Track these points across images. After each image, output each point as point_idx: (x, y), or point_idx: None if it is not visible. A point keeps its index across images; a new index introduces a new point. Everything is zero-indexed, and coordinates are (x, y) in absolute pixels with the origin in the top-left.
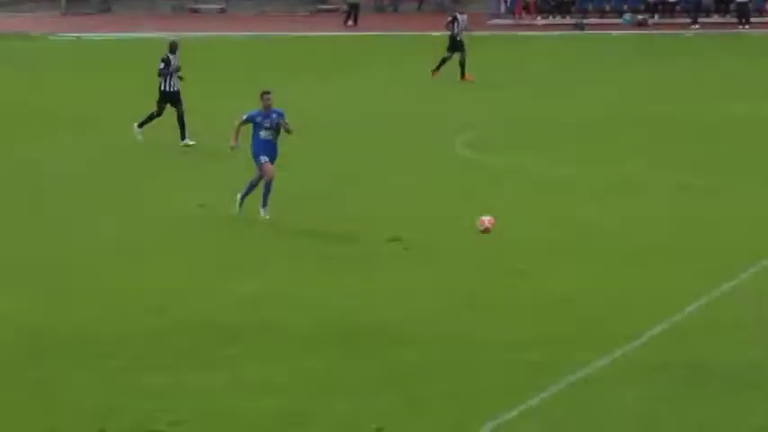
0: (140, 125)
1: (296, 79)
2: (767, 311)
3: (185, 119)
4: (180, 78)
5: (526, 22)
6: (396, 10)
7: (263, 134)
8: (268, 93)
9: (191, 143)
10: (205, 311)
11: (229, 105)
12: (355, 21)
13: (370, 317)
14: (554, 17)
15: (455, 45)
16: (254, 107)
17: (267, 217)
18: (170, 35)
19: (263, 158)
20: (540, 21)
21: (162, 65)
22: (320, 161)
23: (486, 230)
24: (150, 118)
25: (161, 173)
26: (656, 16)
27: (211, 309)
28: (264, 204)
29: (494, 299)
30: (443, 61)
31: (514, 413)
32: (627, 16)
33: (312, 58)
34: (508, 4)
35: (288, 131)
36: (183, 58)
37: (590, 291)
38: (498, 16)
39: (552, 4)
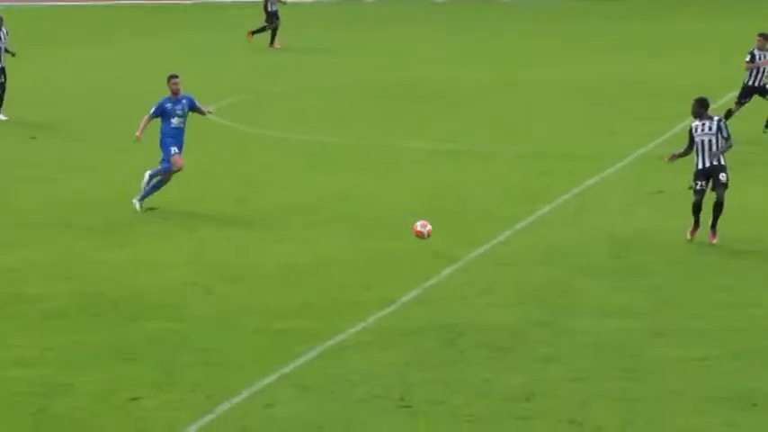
0: None
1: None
2: (518, 276)
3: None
4: (8, 52)
5: None
6: None
7: (174, 122)
8: (176, 77)
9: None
10: None
11: None
12: None
13: (126, 287)
14: None
15: (270, 16)
16: None
17: (139, 209)
18: None
19: (174, 149)
20: None
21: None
22: (77, 131)
23: (420, 234)
24: None
25: None
26: None
27: None
28: (143, 198)
29: (248, 268)
30: (263, 29)
31: (270, 380)
32: None
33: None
34: None
35: (204, 113)
36: None
37: (344, 258)
38: None
39: None
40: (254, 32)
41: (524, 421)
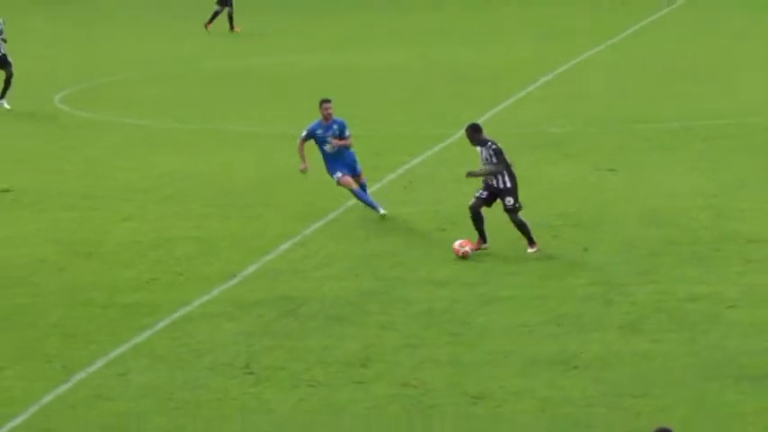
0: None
1: None
2: (352, 250)
3: (12, 81)
4: (4, 41)
5: None
6: None
7: (327, 148)
8: (328, 101)
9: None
10: None
11: None
12: None
13: None
14: None
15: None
16: None
17: (383, 212)
18: None
19: (337, 174)
20: None
21: None
22: None
23: (465, 254)
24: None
25: None
26: None
27: None
28: (374, 206)
29: (97, 246)
30: (215, 14)
31: (123, 350)
32: None
33: None
34: None
35: (347, 145)
36: None
37: (186, 235)
38: None
39: None
40: (209, 21)
41: (361, 385)
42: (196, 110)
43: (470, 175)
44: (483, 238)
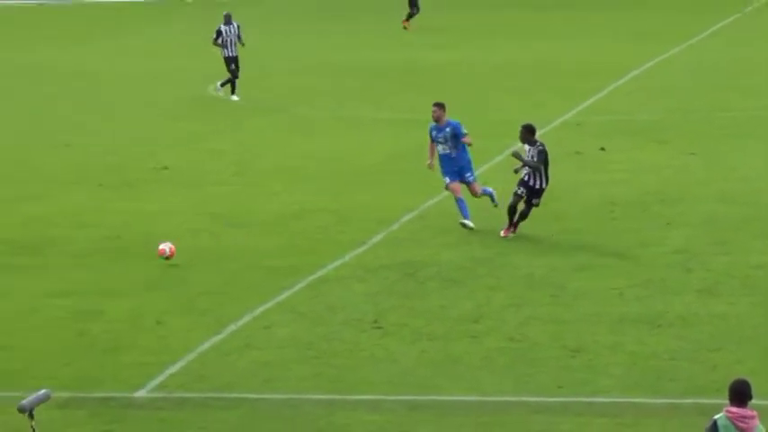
0: (222, 84)
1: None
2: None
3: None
4: (242, 44)
5: None
6: None
7: (440, 149)
8: (436, 105)
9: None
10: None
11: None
12: None
13: (138, 232)
14: None
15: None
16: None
17: (472, 225)
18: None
19: (446, 179)
20: None
21: (215, 35)
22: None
23: (166, 254)
24: (229, 81)
25: None
26: None
27: (6, 227)
28: (466, 216)
29: (246, 217)
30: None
31: (267, 307)
32: None
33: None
34: None
35: (466, 143)
36: None
37: (323, 208)
38: None
39: None
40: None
41: (474, 339)
42: (333, 98)
43: (515, 154)
44: (514, 227)
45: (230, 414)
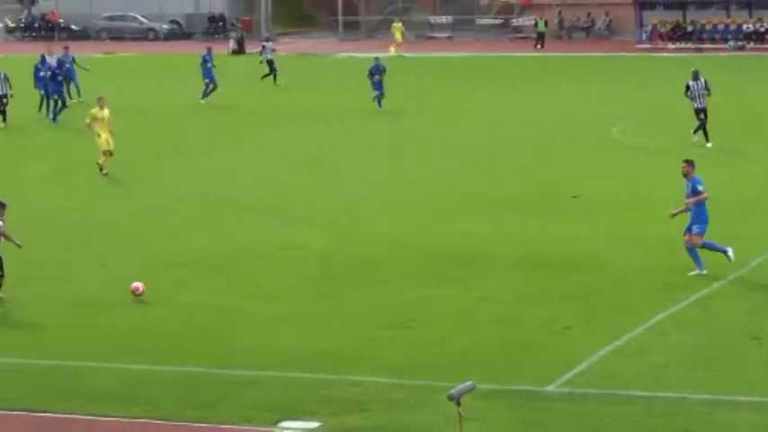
0: (694, 132)
1: (495, 84)
2: None
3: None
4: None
5: (660, 46)
6: (570, 38)
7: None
8: (684, 162)
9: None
10: (441, 243)
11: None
12: (542, 45)
13: (559, 250)
14: (680, 43)
15: None
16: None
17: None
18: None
19: (694, 228)
20: (669, 45)
21: (686, 88)
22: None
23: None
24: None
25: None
26: (752, 43)
27: (444, 241)
28: (699, 265)
29: (642, 238)
30: None
31: (660, 318)
32: (731, 42)
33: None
34: (648, 33)
35: (688, 209)
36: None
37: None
38: (641, 42)
39: (678, 33)
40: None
41: None
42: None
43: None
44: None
45: (627, 409)
